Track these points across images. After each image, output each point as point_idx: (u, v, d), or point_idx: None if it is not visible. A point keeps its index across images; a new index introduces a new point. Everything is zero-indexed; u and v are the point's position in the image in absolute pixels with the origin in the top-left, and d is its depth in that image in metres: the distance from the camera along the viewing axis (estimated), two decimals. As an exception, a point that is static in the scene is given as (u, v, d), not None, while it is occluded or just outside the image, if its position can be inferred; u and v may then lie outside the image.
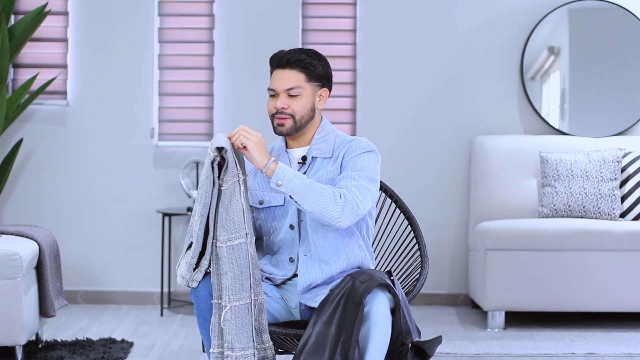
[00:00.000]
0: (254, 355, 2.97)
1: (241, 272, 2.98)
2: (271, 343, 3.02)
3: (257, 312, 3.00)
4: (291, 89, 3.14)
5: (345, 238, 3.18)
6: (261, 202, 3.23)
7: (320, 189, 3.02)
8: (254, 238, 3.07)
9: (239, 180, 3.03)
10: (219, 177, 3.02)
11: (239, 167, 3.04)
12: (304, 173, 3.19)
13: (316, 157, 3.20)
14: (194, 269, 3.04)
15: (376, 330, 2.91)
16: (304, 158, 3.21)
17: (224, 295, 2.96)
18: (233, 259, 2.98)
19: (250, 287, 2.99)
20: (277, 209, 3.21)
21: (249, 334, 2.98)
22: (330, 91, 3.24)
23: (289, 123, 3.16)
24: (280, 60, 3.16)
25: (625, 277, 5.05)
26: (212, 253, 3.02)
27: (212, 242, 3.01)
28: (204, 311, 3.04)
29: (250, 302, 2.98)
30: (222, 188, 3.00)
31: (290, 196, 3.02)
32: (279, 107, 3.15)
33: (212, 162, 3.01)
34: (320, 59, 3.20)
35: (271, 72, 3.20)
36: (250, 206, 3.23)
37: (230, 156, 3.01)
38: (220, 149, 3.01)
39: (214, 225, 3.01)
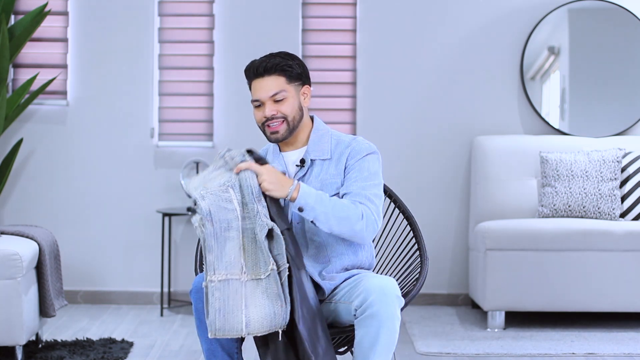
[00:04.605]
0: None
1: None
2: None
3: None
4: (275, 94, 3.11)
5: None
6: None
7: (342, 212, 3.02)
8: None
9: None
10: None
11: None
12: (303, 176, 3.17)
13: (315, 160, 3.18)
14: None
15: (384, 332, 2.90)
16: (302, 161, 3.18)
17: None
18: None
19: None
20: None
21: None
22: (311, 87, 3.22)
23: (283, 128, 3.14)
24: (256, 70, 3.13)
25: (625, 277, 5.04)
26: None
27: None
28: (202, 312, 3.01)
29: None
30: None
31: (311, 221, 3.03)
32: (268, 114, 3.12)
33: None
34: (294, 58, 3.17)
35: (249, 84, 3.17)
36: None
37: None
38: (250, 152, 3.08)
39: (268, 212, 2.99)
